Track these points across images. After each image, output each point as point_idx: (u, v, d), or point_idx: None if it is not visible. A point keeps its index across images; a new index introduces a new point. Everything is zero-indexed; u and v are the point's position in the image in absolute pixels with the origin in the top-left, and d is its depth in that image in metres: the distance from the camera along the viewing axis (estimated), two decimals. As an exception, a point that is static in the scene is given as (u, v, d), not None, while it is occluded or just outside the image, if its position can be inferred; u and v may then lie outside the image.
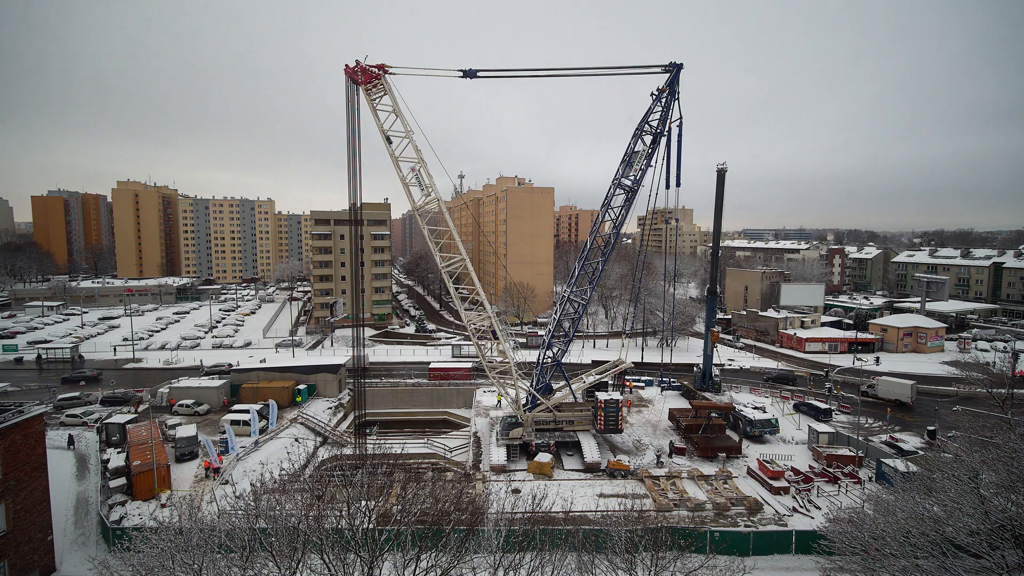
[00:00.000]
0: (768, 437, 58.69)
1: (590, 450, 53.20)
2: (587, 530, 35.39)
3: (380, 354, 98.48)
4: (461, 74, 47.60)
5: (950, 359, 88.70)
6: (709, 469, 51.12)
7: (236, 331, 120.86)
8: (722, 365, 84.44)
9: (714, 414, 59.49)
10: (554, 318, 57.45)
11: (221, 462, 51.32)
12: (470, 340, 57.32)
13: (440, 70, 47.14)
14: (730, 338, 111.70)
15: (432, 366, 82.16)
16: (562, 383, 59.11)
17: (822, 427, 56.61)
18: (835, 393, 73.08)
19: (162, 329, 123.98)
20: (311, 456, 56.91)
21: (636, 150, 50.10)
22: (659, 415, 66.58)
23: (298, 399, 70.21)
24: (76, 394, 70.72)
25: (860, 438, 54.66)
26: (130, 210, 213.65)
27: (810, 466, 51.07)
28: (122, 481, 47.04)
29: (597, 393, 58.01)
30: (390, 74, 47.36)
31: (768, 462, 50.14)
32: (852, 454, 51.69)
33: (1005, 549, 23.51)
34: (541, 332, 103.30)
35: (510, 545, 27.43)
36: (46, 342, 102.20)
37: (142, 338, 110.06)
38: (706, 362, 70.89)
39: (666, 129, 49.00)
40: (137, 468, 46.15)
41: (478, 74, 47.85)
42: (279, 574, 24.00)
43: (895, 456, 49.18)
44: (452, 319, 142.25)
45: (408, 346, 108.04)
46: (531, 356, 72.12)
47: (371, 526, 25.84)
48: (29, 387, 77.43)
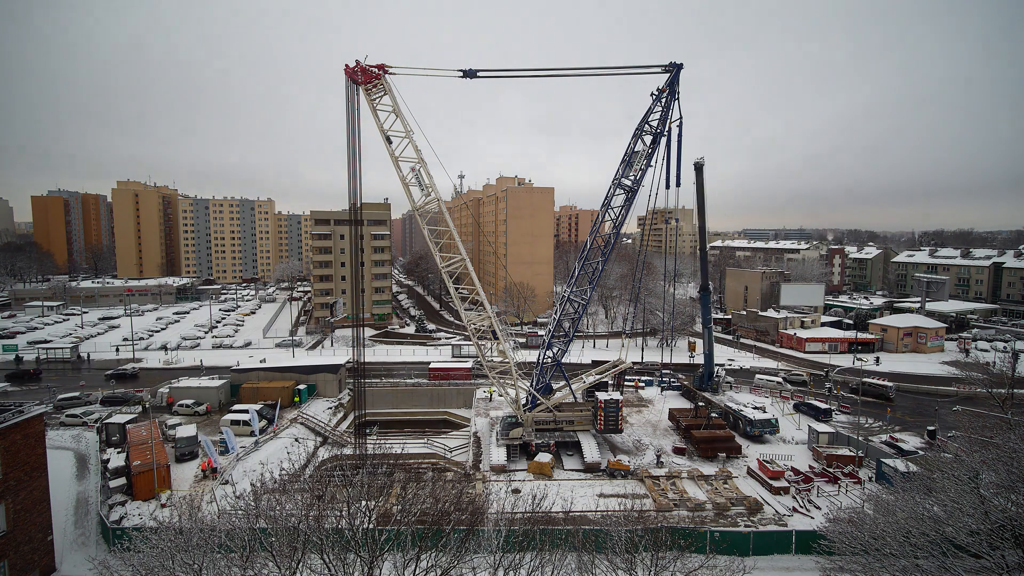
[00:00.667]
0: (768, 437, 58.71)
1: (590, 450, 53.20)
2: (587, 530, 35.41)
3: (380, 354, 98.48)
4: (461, 74, 47.60)
5: (950, 359, 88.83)
6: (709, 469, 51.13)
7: (236, 331, 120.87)
8: (722, 365, 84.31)
9: (714, 414, 59.51)
10: (554, 318, 57.44)
11: (212, 466, 50.81)
12: (470, 340, 57.32)
13: (440, 70, 47.16)
14: (730, 338, 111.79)
15: (432, 366, 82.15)
16: (562, 383, 59.11)
17: (822, 427, 56.62)
18: (835, 393, 73.13)
19: (162, 329, 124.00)
20: (311, 456, 56.91)
21: (636, 150, 50.11)
22: (659, 415, 66.64)
23: (295, 399, 70.15)
24: (76, 394, 70.74)
25: (860, 438, 54.67)
26: (130, 210, 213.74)
27: (810, 466, 51.08)
28: (122, 481, 47.07)
29: (597, 393, 58.04)
30: (390, 74, 47.35)
31: (768, 462, 50.14)
32: (852, 454, 51.70)
33: (1005, 549, 23.52)
34: (541, 332, 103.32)
35: (510, 545, 27.43)
36: (46, 342, 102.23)
37: (142, 338, 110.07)
38: (708, 360, 70.43)
39: (666, 129, 49.04)
40: (137, 468, 46.17)
41: (478, 74, 47.85)
42: (279, 574, 24.01)
43: (895, 456, 49.18)
44: (452, 319, 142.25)
45: (408, 346, 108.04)
46: (531, 356, 72.15)
47: (371, 526, 25.84)
48: (29, 387, 77.51)
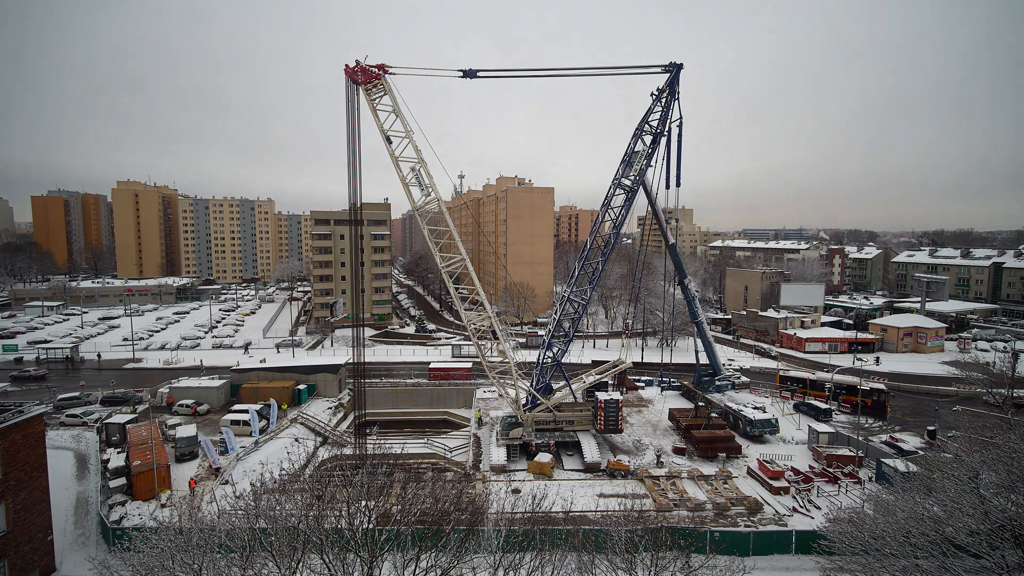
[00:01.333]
0: (768, 437, 58.70)
1: (590, 450, 53.19)
2: (587, 530, 35.39)
3: (380, 354, 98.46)
4: (461, 74, 47.62)
5: (950, 359, 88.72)
6: (709, 469, 51.12)
7: (236, 331, 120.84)
8: (738, 369, 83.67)
9: (714, 414, 59.49)
10: (554, 318, 57.44)
11: (210, 466, 51.15)
12: (470, 340, 57.29)
13: (440, 70, 47.20)
14: (730, 338, 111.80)
15: (432, 366, 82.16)
16: (562, 383, 59.11)
17: (822, 427, 56.60)
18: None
19: (162, 329, 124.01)
20: (311, 456, 56.91)
21: (636, 150, 50.14)
22: (659, 415, 66.62)
23: (296, 400, 70.13)
24: (76, 394, 70.72)
25: (860, 438, 54.66)
26: (130, 210, 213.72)
27: (810, 466, 51.06)
28: (122, 481, 47.06)
29: (597, 393, 58.02)
30: (390, 74, 47.34)
31: (768, 462, 50.13)
32: (852, 454, 51.68)
33: (1005, 549, 23.52)
34: (541, 332, 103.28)
35: (510, 545, 27.42)
36: (46, 342, 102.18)
37: (142, 338, 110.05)
38: (710, 356, 69.12)
39: (666, 129, 49.06)
40: (137, 468, 46.16)
41: (478, 74, 47.86)
42: (279, 574, 24.01)
43: (895, 456, 49.16)
44: (452, 319, 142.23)
45: (408, 346, 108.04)
46: (531, 356, 72.10)
47: (371, 526, 25.83)
48: (29, 387, 77.52)
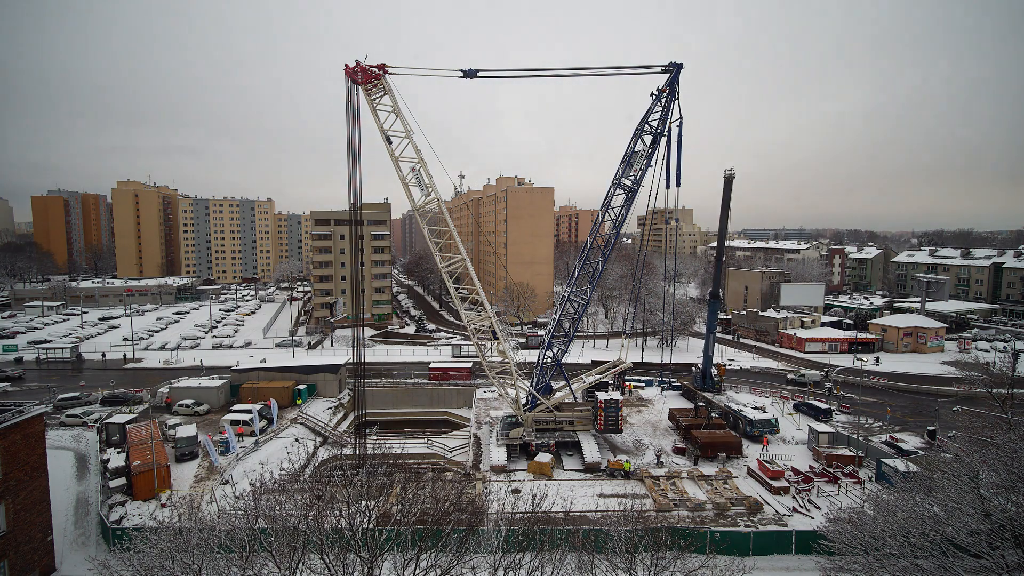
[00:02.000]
0: (768, 437, 58.67)
1: (590, 450, 53.19)
2: (587, 530, 35.38)
3: (380, 354, 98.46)
4: (461, 74, 47.55)
5: (950, 359, 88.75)
6: (709, 469, 51.11)
7: (236, 331, 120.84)
8: (723, 366, 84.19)
9: (714, 414, 59.54)
10: (554, 318, 57.42)
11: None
12: (470, 340, 57.28)
13: (440, 70, 47.13)
14: (730, 338, 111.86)
15: (432, 366, 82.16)
16: (562, 383, 59.11)
17: (822, 427, 56.61)
18: (835, 393, 73.12)
19: (162, 329, 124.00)
20: (311, 456, 56.90)
21: (636, 150, 50.09)
22: (659, 415, 66.64)
23: (298, 401, 70.12)
24: (76, 394, 70.71)
25: (860, 438, 54.66)
26: (130, 210, 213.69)
27: (810, 466, 51.06)
28: (122, 481, 47.06)
29: (597, 393, 58.02)
30: (390, 74, 47.31)
31: (768, 462, 50.12)
32: (852, 454, 51.69)
33: (1005, 549, 23.51)
34: (541, 332, 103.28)
35: (510, 545, 27.42)
36: (46, 342, 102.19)
37: (142, 338, 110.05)
38: (706, 362, 70.82)
39: (666, 129, 49.01)
40: (137, 468, 46.16)
41: (478, 74, 47.79)
42: (279, 574, 24.01)
43: (895, 456, 49.18)
44: (452, 319, 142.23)
45: (408, 346, 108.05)
46: (531, 356, 72.08)
47: (371, 526, 25.83)
48: (29, 387, 77.50)
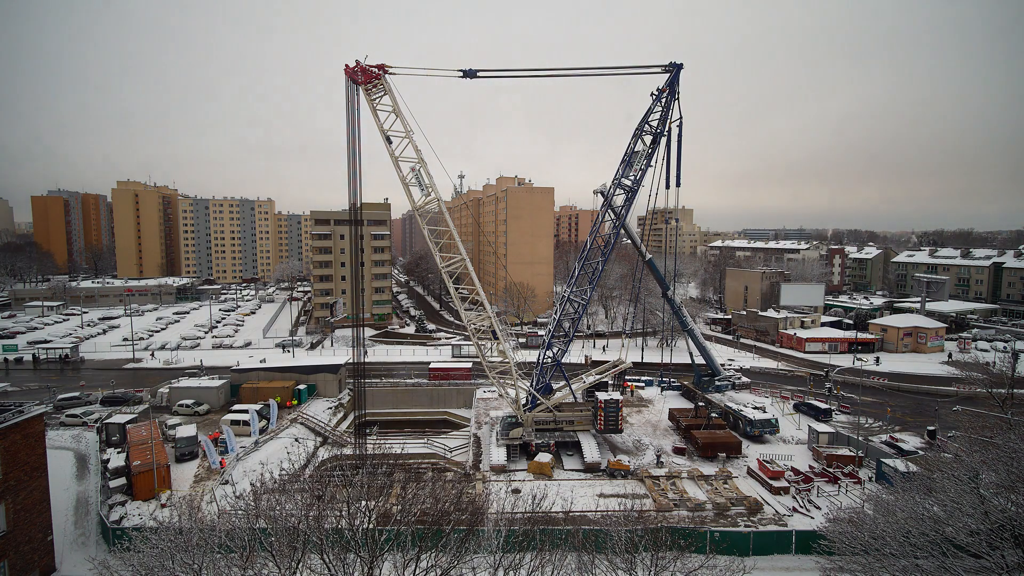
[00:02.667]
0: (768, 437, 58.71)
1: (590, 450, 53.19)
2: (587, 530, 35.36)
3: (380, 354, 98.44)
4: (461, 74, 47.55)
5: (950, 359, 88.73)
6: (709, 469, 51.12)
7: (236, 331, 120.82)
8: (723, 364, 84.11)
9: (714, 414, 59.54)
10: (554, 318, 57.43)
11: (223, 466, 51.29)
12: (470, 340, 57.27)
13: (440, 70, 47.13)
14: (730, 338, 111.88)
15: (432, 366, 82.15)
16: (562, 383, 59.11)
17: (822, 427, 56.61)
18: (835, 393, 73.11)
19: (162, 329, 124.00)
20: (311, 456, 56.91)
21: (636, 150, 50.12)
22: (659, 415, 66.64)
23: (294, 401, 69.99)
24: (76, 394, 70.71)
25: (860, 438, 54.66)
26: (130, 210, 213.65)
27: (810, 466, 51.07)
28: (122, 481, 47.07)
29: (597, 393, 58.02)
30: (390, 74, 47.31)
31: (768, 462, 50.14)
32: (852, 454, 51.70)
33: (1005, 549, 23.51)
34: (541, 332, 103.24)
35: (510, 545, 27.41)
36: (46, 342, 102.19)
37: (142, 338, 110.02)
38: (708, 360, 70.18)
39: (666, 129, 49.03)
40: (137, 468, 46.17)
41: (478, 74, 47.80)
42: (279, 574, 24.00)
43: (895, 456, 49.21)
44: (452, 319, 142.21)
45: (408, 346, 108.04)
46: (531, 356, 72.03)
47: (371, 526, 25.82)
48: (29, 387, 77.48)
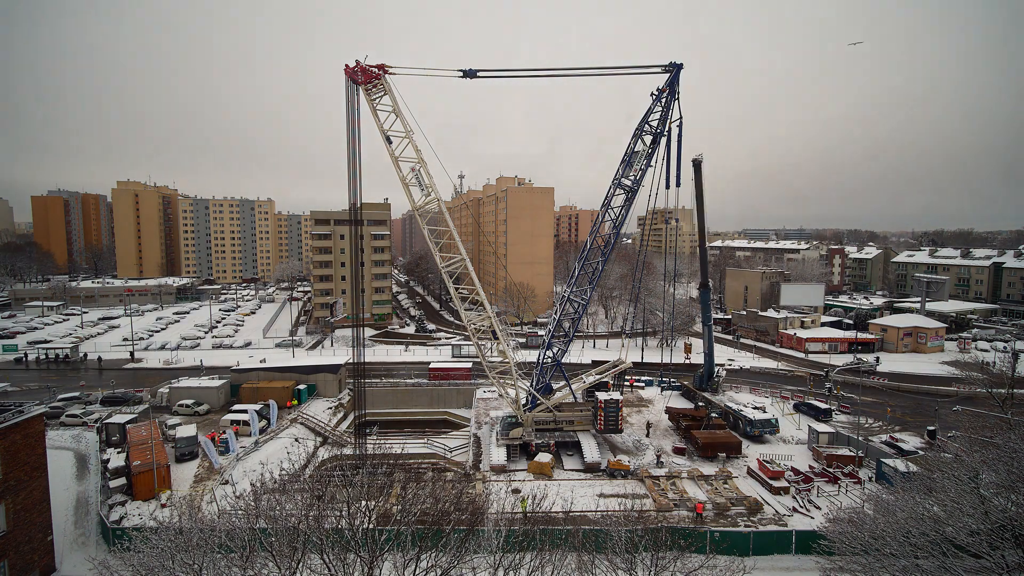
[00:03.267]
0: (768, 437, 58.70)
1: (590, 450, 53.18)
2: (587, 530, 35.38)
3: (380, 354, 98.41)
4: (461, 74, 47.55)
5: (950, 359, 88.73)
6: (709, 469, 51.12)
7: (236, 331, 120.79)
8: (723, 365, 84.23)
9: (714, 414, 59.54)
10: (554, 318, 57.42)
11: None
12: (470, 340, 57.28)
13: (440, 70, 47.13)
14: (730, 338, 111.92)
15: (432, 366, 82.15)
16: (562, 383, 59.10)
17: (822, 427, 56.61)
18: (835, 393, 73.10)
19: (162, 329, 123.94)
20: (311, 456, 56.91)
21: (636, 150, 50.10)
22: (659, 415, 66.62)
23: (294, 401, 70.00)
24: (76, 394, 70.70)
25: (860, 438, 54.67)
26: (130, 210, 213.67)
27: (810, 466, 51.06)
28: (122, 481, 47.05)
29: (597, 393, 58.02)
30: (390, 74, 47.31)
31: (768, 462, 50.14)
32: (852, 454, 51.69)
33: (1005, 549, 23.51)
34: (541, 332, 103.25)
35: (510, 545, 27.43)
36: (46, 342, 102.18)
37: (142, 338, 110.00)
38: (708, 358, 70.01)
39: (666, 129, 49.02)
40: (137, 468, 46.14)
41: (478, 74, 47.80)
42: (279, 574, 24.01)
43: (895, 456, 49.19)
44: (452, 319, 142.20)
45: (408, 346, 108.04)
46: (531, 356, 72.02)
47: (371, 526, 25.84)
48: (29, 387, 77.48)
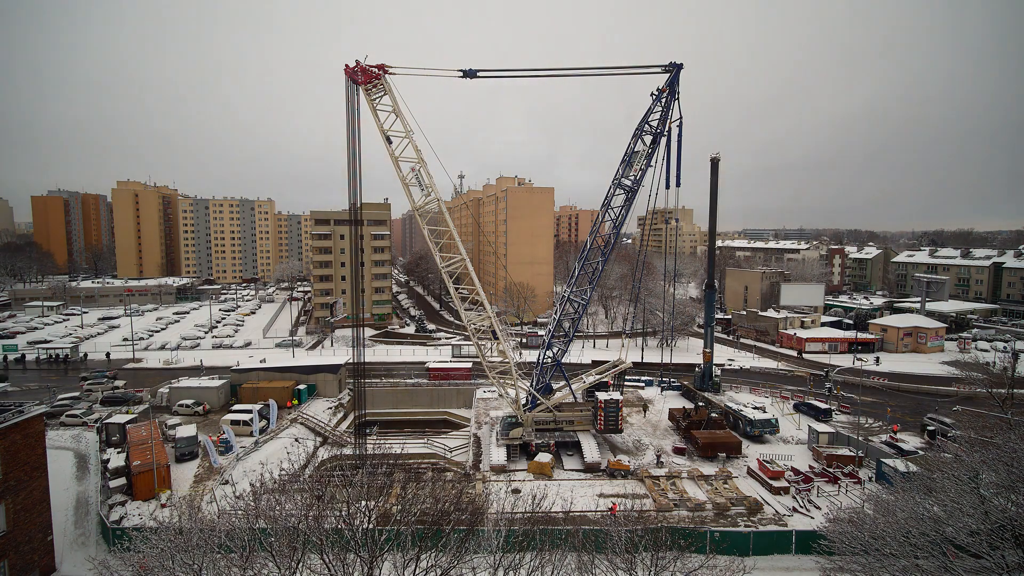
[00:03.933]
0: (768, 437, 58.70)
1: (590, 450, 53.19)
2: (587, 530, 35.38)
3: (380, 354, 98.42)
4: (461, 74, 47.56)
5: (950, 359, 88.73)
6: (709, 469, 51.12)
7: (236, 331, 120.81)
8: (722, 365, 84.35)
9: (714, 414, 59.56)
10: (554, 318, 57.42)
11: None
12: (470, 340, 57.27)
13: (440, 70, 47.11)
14: (730, 338, 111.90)
15: (432, 366, 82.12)
16: (562, 383, 59.11)
17: (822, 427, 56.62)
18: (835, 393, 73.10)
19: (162, 329, 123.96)
20: (311, 456, 56.91)
21: (636, 150, 50.11)
22: (659, 415, 66.62)
23: (294, 401, 70.03)
24: (76, 394, 70.70)
25: (860, 438, 54.66)
26: (130, 210, 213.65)
27: (810, 466, 51.07)
28: (122, 481, 47.08)
29: (597, 393, 58.01)
30: (390, 74, 47.31)
31: (768, 462, 50.13)
32: (852, 454, 51.70)
33: (1005, 549, 23.51)
34: (541, 332, 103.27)
35: (510, 545, 27.42)
36: (46, 342, 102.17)
37: (142, 338, 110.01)
38: (707, 358, 70.19)
39: (666, 129, 49.02)
40: (137, 468, 46.15)
41: (478, 74, 47.80)
42: (279, 574, 24.01)
43: (895, 456, 49.19)
44: (452, 319, 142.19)
45: (408, 346, 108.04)
46: (531, 356, 72.07)
47: (371, 526, 25.83)
48: (29, 387, 77.47)
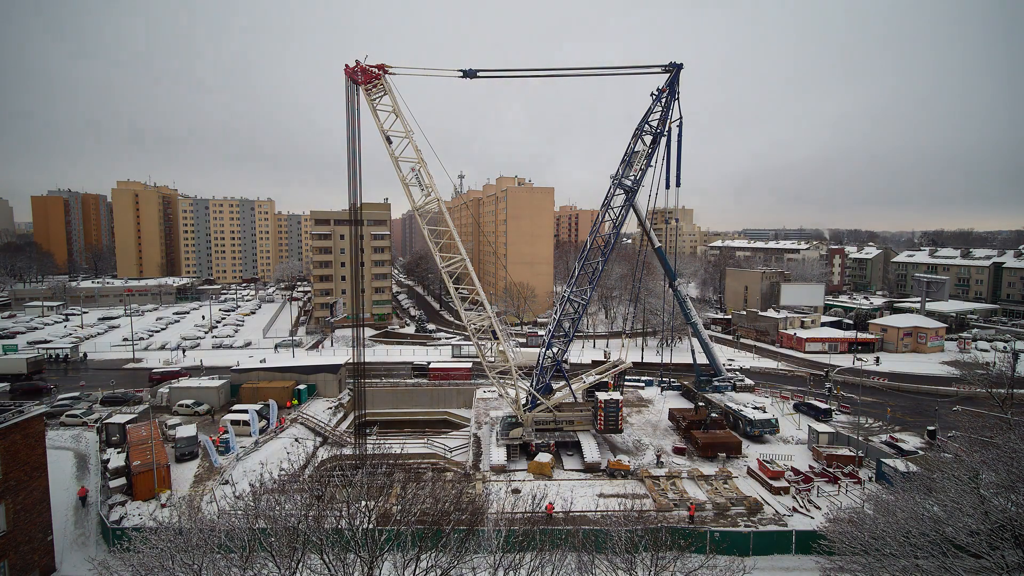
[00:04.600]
0: (768, 437, 58.70)
1: (590, 450, 53.17)
2: (587, 530, 35.38)
3: (380, 354, 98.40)
4: (461, 74, 47.60)
5: (950, 359, 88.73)
6: (709, 469, 51.11)
7: (236, 331, 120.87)
8: (738, 369, 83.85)
9: (714, 414, 59.54)
10: (554, 318, 57.42)
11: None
12: (470, 340, 57.28)
13: (440, 70, 47.17)
14: (730, 338, 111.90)
15: (432, 366, 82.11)
16: (562, 383, 59.11)
17: (822, 427, 56.61)
18: (835, 393, 73.08)
19: (162, 329, 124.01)
20: (311, 456, 56.89)
21: (636, 150, 50.15)
22: (659, 415, 66.62)
23: (294, 401, 70.04)
24: (76, 394, 70.69)
25: (860, 438, 54.66)
26: (130, 210, 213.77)
27: (810, 466, 51.06)
28: (122, 481, 47.07)
29: (597, 393, 58.01)
30: (390, 74, 47.33)
31: (768, 462, 50.13)
32: (852, 454, 51.68)
33: (1005, 549, 23.52)
34: (541, 332, 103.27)
35: (510, 545, 27.43)
36: (46, 342, 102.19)
37: (142, 338, 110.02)
38: (710, 359, 69.52)
39: (666, 129, 49.05)
40: (137, 468, 46.14)
41: (478, 74, 47.84)
42: (279, 574, 24.01)
43: (895, 456, 49.20)
44: (452, 319, 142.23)
45: (408, 346, 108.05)
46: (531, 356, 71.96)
47: (371, 526, 25.84)
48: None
